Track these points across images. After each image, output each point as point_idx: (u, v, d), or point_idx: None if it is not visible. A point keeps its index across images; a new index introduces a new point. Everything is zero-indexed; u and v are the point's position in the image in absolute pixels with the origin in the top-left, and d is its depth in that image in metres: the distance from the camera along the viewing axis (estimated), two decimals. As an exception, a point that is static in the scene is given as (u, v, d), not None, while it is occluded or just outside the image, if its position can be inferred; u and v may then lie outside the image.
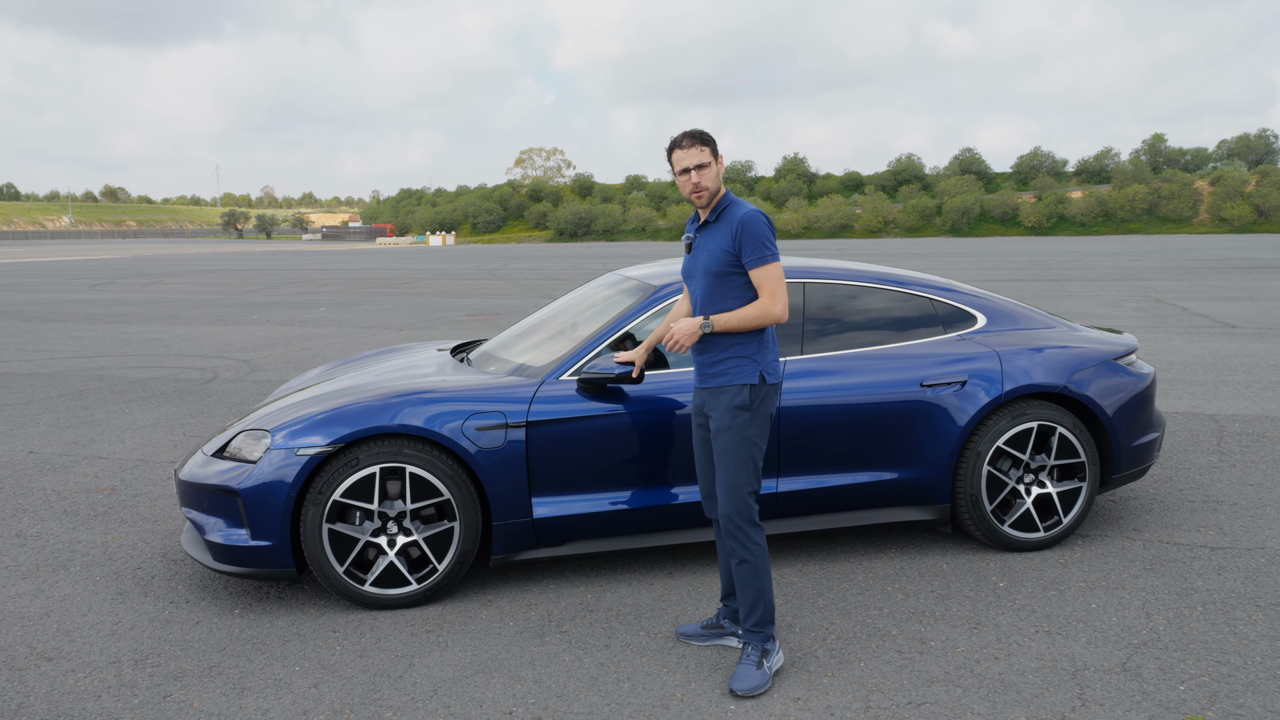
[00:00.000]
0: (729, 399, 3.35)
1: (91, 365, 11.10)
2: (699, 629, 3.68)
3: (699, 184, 3.35)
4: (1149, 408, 4.80)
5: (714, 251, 3.38)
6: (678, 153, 3.37)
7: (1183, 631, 3.67)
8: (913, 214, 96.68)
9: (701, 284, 3.41)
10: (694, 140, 3.35)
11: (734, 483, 3.35)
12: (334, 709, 3.19)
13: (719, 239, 3.37)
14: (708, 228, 3.44)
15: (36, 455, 6.72)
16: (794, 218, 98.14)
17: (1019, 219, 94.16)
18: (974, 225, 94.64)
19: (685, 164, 3.35)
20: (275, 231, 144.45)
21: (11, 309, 18.97)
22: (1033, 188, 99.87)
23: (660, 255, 43.53)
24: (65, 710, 3.19)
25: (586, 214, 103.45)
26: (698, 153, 3.34)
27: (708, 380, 3.41)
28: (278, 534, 3.87)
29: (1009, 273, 28.47)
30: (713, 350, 3.39)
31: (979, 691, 3.24)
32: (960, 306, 4.74)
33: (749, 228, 3.32)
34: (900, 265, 33.10)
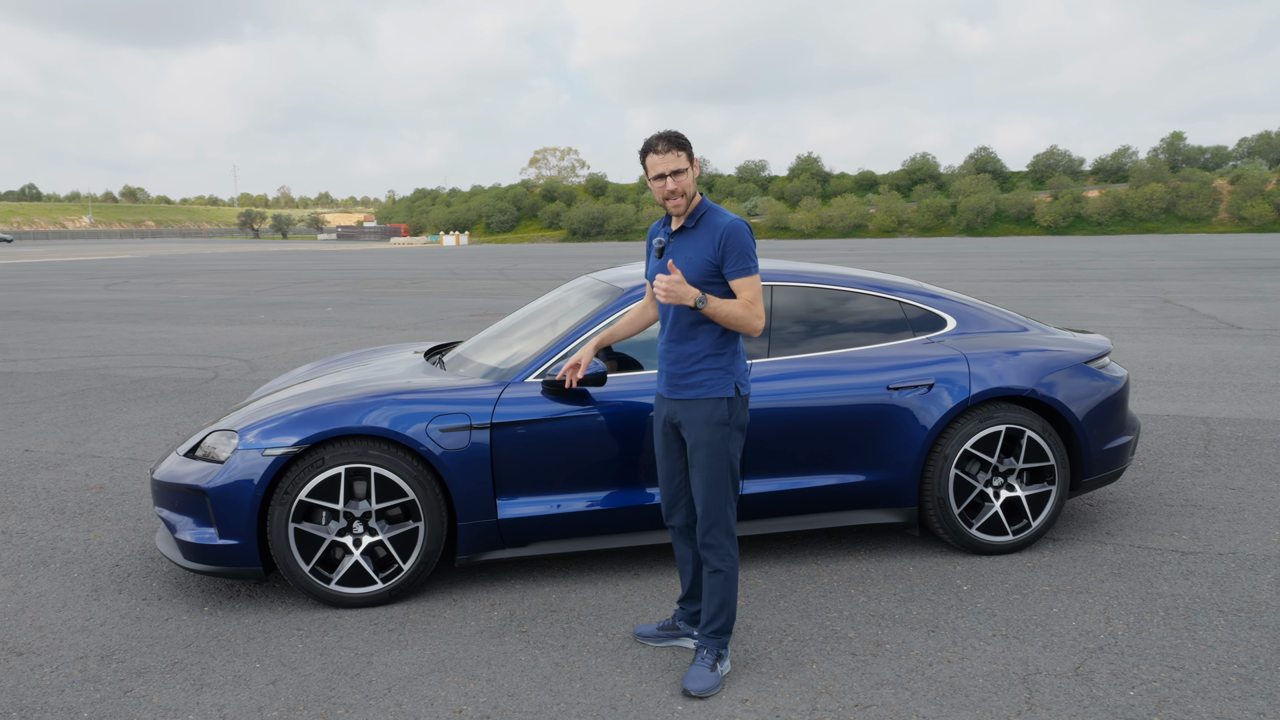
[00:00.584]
0: (706, 413, 3.30)
1: (96, 365, 11.23)
2: (655, 630, 3.70)
3: (675, 190, 3.25)
4: (1121, 411, 4.80)
5: (694, 260, 3.28)
6: (653, 157, 3.25)
7: (1140, 637, 3.67)
8: (927, 213, 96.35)
9: None
10: (670, 144, 3.24)
11: (713, 497, 3.32)
12: (288, 705, 3.24)
13: (700, 247, 3.28)
14: (685, 234, 3.33)
15: (31, 453, 6.82)
16: (807, 217, 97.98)
17: (1034, 218, 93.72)
18: (989, 225, 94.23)
19: (660, 169, 3.23)
20: (291, 231, 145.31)
21: (26, 308, 19.18)
22: (1049, 187, 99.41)
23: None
24: (28, 704, 3.25)
25: (600, 214, 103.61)
26: (674, 158, 3.23)
27: (679, 391, 3.33)
28: (244, 533, 3.93)
29: (1020, 273, 28.35)
30: (685, 360, 3.32)
31: (927, 694, 3.26)
32: (930, 310, 4.75)
33: (734, 238, 3.25)
34: (907, 265, 33.07)
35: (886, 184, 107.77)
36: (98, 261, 44.99)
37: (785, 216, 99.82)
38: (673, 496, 3.50)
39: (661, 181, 3.25)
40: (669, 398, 3.38)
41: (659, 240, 3.38)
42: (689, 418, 3.32)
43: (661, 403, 3.44)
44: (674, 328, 3.35)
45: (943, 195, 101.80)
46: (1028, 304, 17.78)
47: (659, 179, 3.25)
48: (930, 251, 50.32)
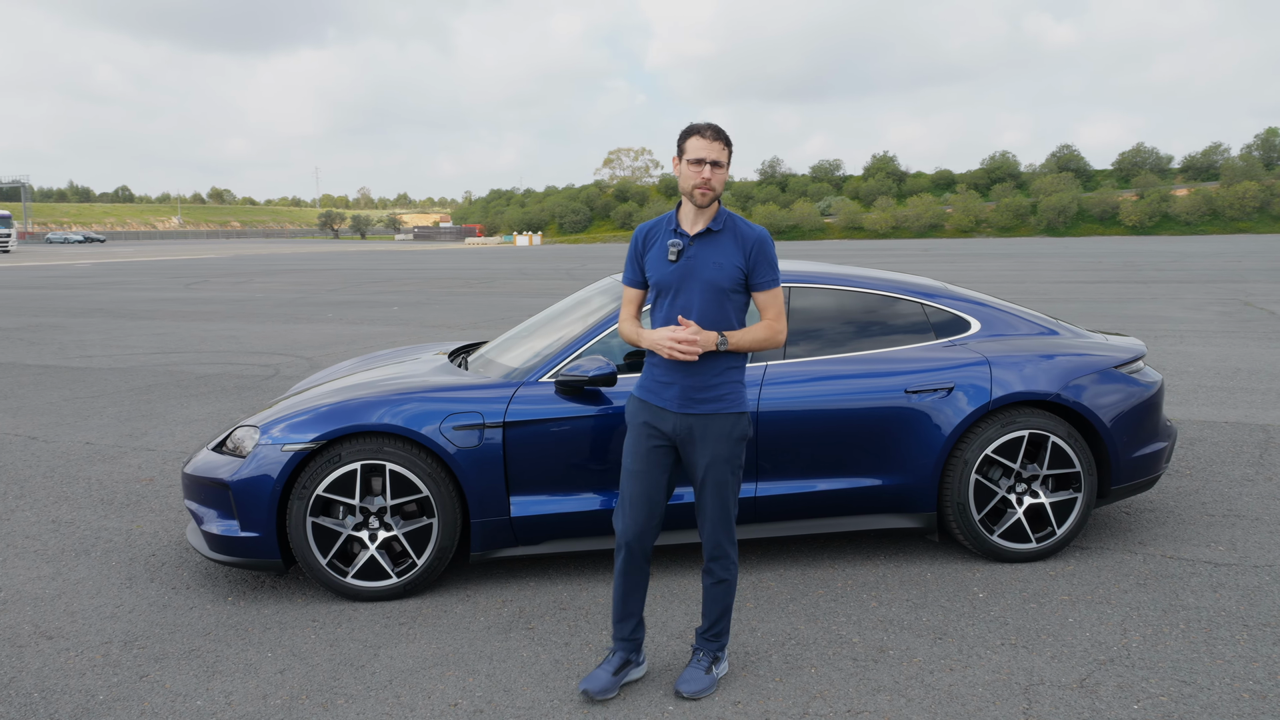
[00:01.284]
0: (728, 428, 3.19)
1: (165, 361, 11.64)
2: (609, 677, 3.29)
3: (709, 181, 3.10)
4: (1153, 417, 4.65)
5: (723, 265, 3.15)
6: (697, 140, 3.11)
7: (1155, 650, 3.56)
8: (1006, 213, 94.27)
9: (700, 297, 3.15)
10: (718, 135, 3.13)
11: (728, 512, 3.26)
12: (292, 694, 3.34)
13: (727, 253, 3.16)
14: (709, 237, 3.17)
15: (91, 446, 7.11)
16: (882, 217, 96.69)
17: (1119, 218, 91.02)
18: (1071, 225, 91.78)
19: (703, 154, 3.10)
20: (369, 232, 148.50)
21: (109, 306, 19.96)
22: (1134, 185, 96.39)
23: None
24: (50, 686, 3.41)
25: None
26: (719, 149, 3.12)
27: (697, 405, 3.17)
28: (264, 526, 4.05)
29: (1096, 274, 27.57)
30: (706, 373, 3.16)
31: (923, 702, 3.22)
32: (953, 312, 4.67)
33: (765, 248, 3.19)
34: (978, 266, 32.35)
35: (964, 183, 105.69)
36: (182, 261, 46.58)
37: (859, 216, 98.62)
38: (649, 517, 3.26)
39: (699, 167, 3.09)
40: (679, 413, 3.18)
41: (674, 243, 3.18)
42: (707, 434, 3.18)
43: (659, 418, 3.22)
44: None
45: (1022, 194, 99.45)
46: (1100, 306, 17.30)
47: (698, 164, 3.10)
48: (1005, 252, 49.22)
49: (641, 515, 3.23)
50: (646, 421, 3.24)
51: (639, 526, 3.24)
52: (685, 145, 3.13)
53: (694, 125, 3.15)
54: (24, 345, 13.33)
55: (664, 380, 3.21)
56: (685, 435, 3.20)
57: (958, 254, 46.83)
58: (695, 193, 3.12)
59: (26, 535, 5.07)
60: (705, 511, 3.25)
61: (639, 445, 3.24)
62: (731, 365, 3.18)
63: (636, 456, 3.24)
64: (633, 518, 3.24)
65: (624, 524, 3.25)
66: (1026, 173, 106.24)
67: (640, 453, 3.24)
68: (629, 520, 3.24)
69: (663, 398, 3.20)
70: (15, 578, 4.46)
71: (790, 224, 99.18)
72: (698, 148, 3.10)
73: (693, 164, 3.10)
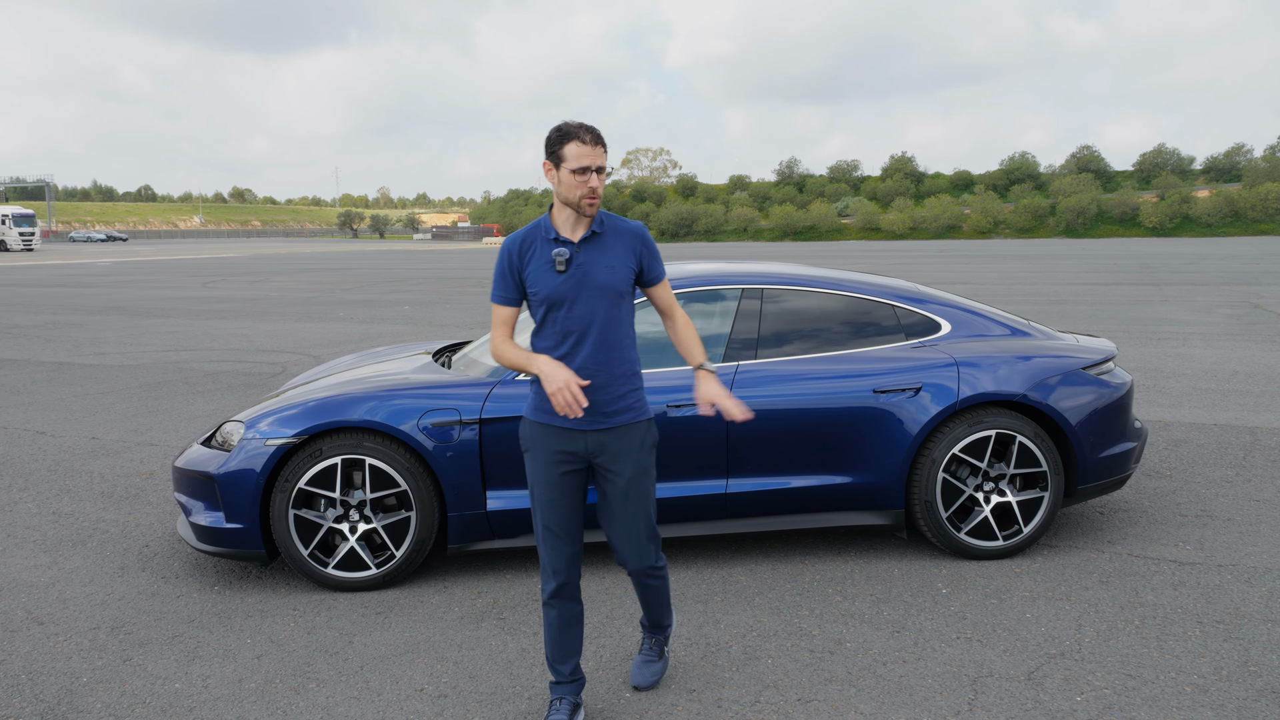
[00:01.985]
0: (640, 438, 3.03)
1: (176, 359, 11.86)
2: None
3: (597, 190, 2.87)
4: (1122, 417, 4.73)
5: (616, 268, 2.96)
6: (578, 146, 2.83)
7: (1107, 645, 3.65)
8: (1024, 214, 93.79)
9: (601, 305, 2.94)
10: (597, 138, 2.86)
11: (651, 526, 3.10)
12: (266, 679, 3.48)
13: (618, 254, 2.97)
14: (595, 241, 2.96)
15: (97, 441, 7.29)
16: (899, 218, 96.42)
17: (1139, 219, 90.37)
18: (1090, 226, 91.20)
19: (587, 163, 2.84)
20: (388, 231, 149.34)
21: (126, 304, 20.26)
22: (1155, 186, 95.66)
23: (748, 255, 43.40)
24: (37, 669, 3.56)
25: (688, 214, 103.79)
26: (601, 153, 2.86)
27: (608, 419, 2.97)
28: (249, 518, 4.20)
29: (1109, 275, 27.47)
30: (613, 385, 2.97)
31: (872, 692, 3.32)
32: (924, 314, 4.76)
33: (649, 240, 3.06)
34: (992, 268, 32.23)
35: (983, 184, 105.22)
36: (201, 260, 47.07)
37: (876, 217, 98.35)
38: (575, 543, 3.03)
39: (585, 176, 2.84)
40: (592, 430, 2.97)
41: (560, 253, 2.92)
42: (621, 447, 2.99)
43: (567, 439, 2.98)
44: (599, 347, 2.95)
45: (1041, 195, 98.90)
46: (1108, 308, 17.28)
47: (582, 173, 2.84)
48: (1021, 253, 49.01)
49: (568, 544, 3.01)
50: (554, 446, 2.99)
51: (568, 555, 3.01)
52: (563, 152, 2.85)
53: (568, 128, 2.85)
54: (41, 342, 13.59)
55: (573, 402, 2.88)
56: (599, 452, 2.99)
57: (973, 255, 46.67)
58: (584, 204, 2.88)
59: (27, 526, 5.24)
60: (629, 528, 3.06)
61: (549, 473, 2.99)
62: (634, 372, 3.01)
63: (549, 485, 2.99)
64: (559, 548, 3.00)
65: (551, 555, 3.01)
66: (1046, 174, 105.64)
67: (553, 480, 2.99)
68: (556, 551, 3.00)
69: (569, 417, 2.94)
70: (13, 566, 4.62)
71: (807, 225, 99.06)
72: (580, 155, 2.83)
73: (577, 174, 2.84)
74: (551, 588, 3.04)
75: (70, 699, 3.33)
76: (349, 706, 3.27)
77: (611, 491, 3.03)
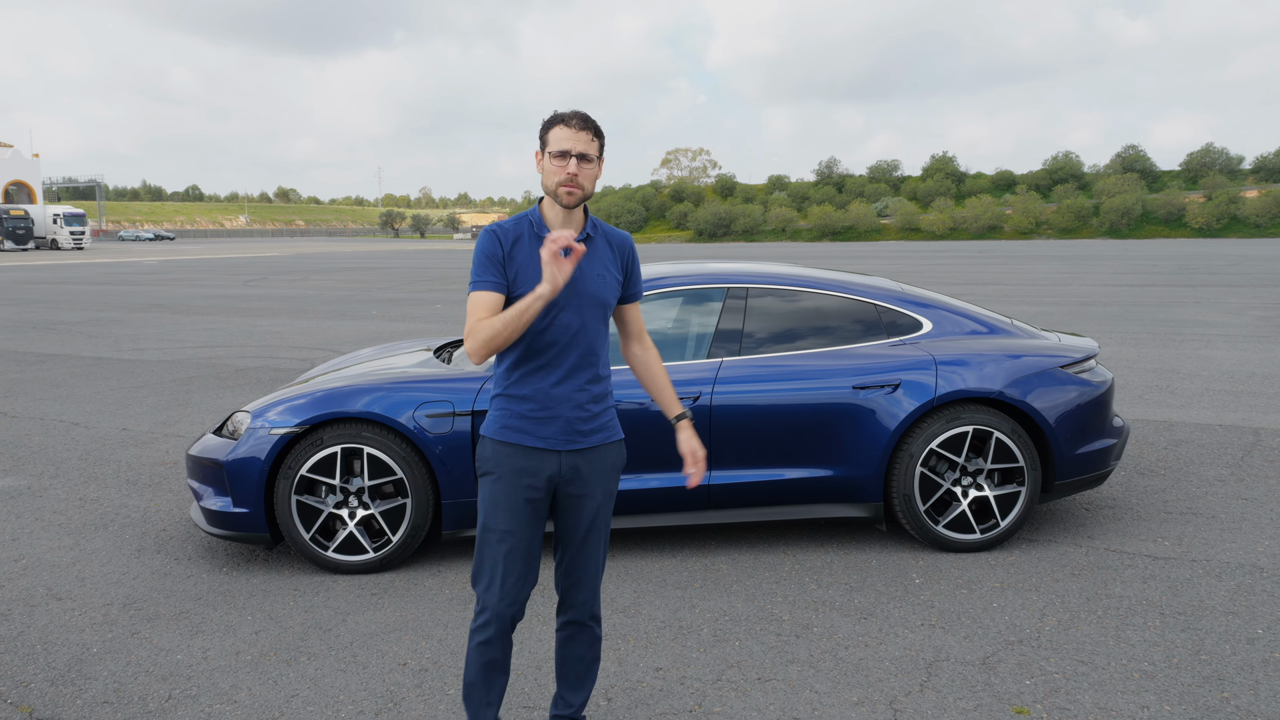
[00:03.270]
0: (612, 460, 2.77)
1: (211, 355, 12.24)
2: None
3: (575, 177, 2.61)
4: (1100, 414, 4.82)
5: (605, 278, 2.72)
6: (562, 130, 2.62)
7: (1066, 634, 3.77)
8: (1067, 215, 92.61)
9: (588, 314, 2.68)
10: (585, 123, 2.63)
11: (604, 554, 2.84)
12: (261, 652, 3.71)
13: (605, 262, 2.74)
14: (588, 244, 2.72)
15: (127, 432, 7.62)
16: (939, 218, 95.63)
17: (1185, 220, 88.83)
18: (1135, 227, 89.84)
19: (567, 146, 2.60)
20: (428, 231, 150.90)
21: (168, 302, 20.83)
22: (1203, 187, 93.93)
23: (793, 256, 43.38)
24: (52, 640, 3.82)
25: (726, 214, 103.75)
26: (587, 139, 2.62)
27: (581, 439, 2.69)
28: (254, 503, 4.44)
29: (1146, 276, 27.17)
30: (589, 399, 2.71)
31: (830, 673, 3.47)
32: (906, 312, 4.89)
33: (635, 254, 2.86)
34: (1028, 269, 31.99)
35: (1025, 184, 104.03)
36: (245, 259, 48.00)
37: (916, 218, 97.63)
38: (528, 583, 2.72)
39: (564, 161, 2.61)
40: (565, 451, 2.67)
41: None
42: (593, 471, 2.72)
43: (537, 462, 2.66)
44: (582, 360, 2.68)
45: (1085, 196, 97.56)
46: (1138, 309, 17.16)
47: (562, 156, 2.61)
48: (1060, 254, 48.48)
49: (520, 584, 2.69)
50: (522, 469, 2.66)
51: (516, 596, 2.69)
52: (548, 137, 2.64)
53: (558, 113, 2.66)
54: (83, 338, 14.07)
55: (540, 415, 2.65)
56: (571, 477, 2.69)
57: (1011, 256, 46.26)
58: (560, 191, 2.62)
59: (54, 510, 5.54)
60: (589, 565, 2.79)
61: (512, 500, 2.66)
62: (610, 390, 2.78)
63: (511, 514, 2.66)
64: (511, 589, 2.67)
65: (498, 596, 2.67)
66: (1090, 173, 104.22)
67: (514, 508, 2.66)
68: (505, 591, 2.67)
69: (540, 436, 2.65)
70: (38, 546, 4.91)
71: (846, 225, 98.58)
72: (561, 138, 2.61)
73: (556, 157, 2.61)
74: (491, 631, 2.69)
75: (79, 667, 3.58)
76: (335, 678, 3.49)
77: (575, 521, 2.74)
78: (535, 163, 2.72)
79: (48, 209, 65.01)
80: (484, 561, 2.70)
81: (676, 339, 4.82)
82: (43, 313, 18.15)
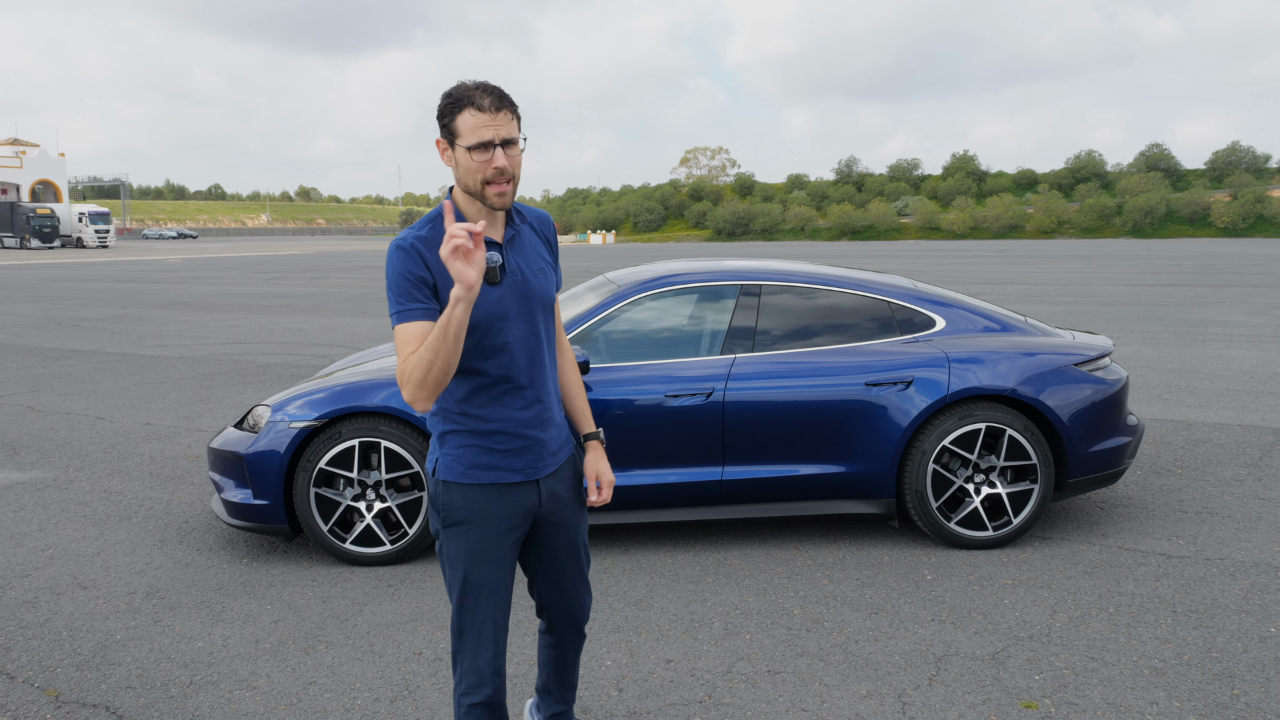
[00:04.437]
0: (576, 470, 2.52)
1: (233, 351, 12.38)
2: None
3: (505, 171, 2.15)
4: (1114, 412, 4.83)
5: (544, 271, 2.38)
6: (474, 115, 2.12)
7: (1077, 630, 3.78)
8: (1090, 214, 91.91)
9: (541, 321, 2.34)
10: (500, 101, 2.13)
11: (587, 570, 2.60)
12: (280, 640, 3.78)
13: (540, 252, 2.39)
14: (519, 241, 2.33)
15: (150, 426, 7.73)
16: (960, 217, 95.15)
17: (1210, 219, 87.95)
18: (1158, 226, 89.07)
19: (488, 136, 2.12)
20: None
21: (190, 299, 21.04)
22: (1228, 186, 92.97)
23: (811, 255, 43.29)
24: (77, 626, 3.91)
25: (745, 213, 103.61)
26: (507, 120, 2.14)
27: (554, 460, 2.40)
28: (274, 495, 4.51)
29: (1170, 276, 26.95)
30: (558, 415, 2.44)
31: (840, 666, 3.50)
32: (919, 310, 4.91)
33: (555, 232, 2.50)
34: (1048, 268, 31.80)
35: (1047, 183, 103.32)
36: (266, 257, 48.37)
37: (936, 217, 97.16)
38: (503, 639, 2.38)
39: (487, 154, 2.13)
40: (545, 476, 2.38)
41: (492, 258, 2.18)
42: (567, 488, 2.46)
43: (516, 498, 2.34)
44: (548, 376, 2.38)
45: (1108, 195, 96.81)
46: (1160, 309, 17.05)
47: (482, 149, 2.12)
48: (1083, 254, 48.15)
49: (501, 643, 2.37)
50: (502, 511, 2.32)
51: (500, 659, 2.36)
52: (456, 124, 2.15)
53: (460, 91, 2.14)
54: (107, 335, 14.25)
55: (514, 446, 2.31)
56: (552, 505, 2.41)
57: (1032, 255, 45.98)
58: (490, 193, 2.17)
59: (80, 502, 5.64)
60: (576, 572, 2.54)
61: (495, 548, 2.31)
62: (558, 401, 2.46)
63: (495, 564, 2.31)
64: (495, 648, 2.35)
65: (482, 662, 2.33)
66: (1113, 172, 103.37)
67: (497, 557, 2.32)
68: (491, 654, 2.34)
69: (517, 468, 2.33)
70: (64, 537, 5.00)
71: (865, 224, 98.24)
72: (477, 126, 2.12)
73: (475, 151, 2.13)
74: (487, 693, 2.34)
75: (104, 653, 3.66)
76: (352, 666, 3.55)
77: (559, 539, 2.47)
78: (439, 154, 2.23)
79: (73, 208, 65.72)
80: (467, 624, 2.33)
81: (690, 336, 4.86)
82: (68, 309, 18.39)
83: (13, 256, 48.87)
